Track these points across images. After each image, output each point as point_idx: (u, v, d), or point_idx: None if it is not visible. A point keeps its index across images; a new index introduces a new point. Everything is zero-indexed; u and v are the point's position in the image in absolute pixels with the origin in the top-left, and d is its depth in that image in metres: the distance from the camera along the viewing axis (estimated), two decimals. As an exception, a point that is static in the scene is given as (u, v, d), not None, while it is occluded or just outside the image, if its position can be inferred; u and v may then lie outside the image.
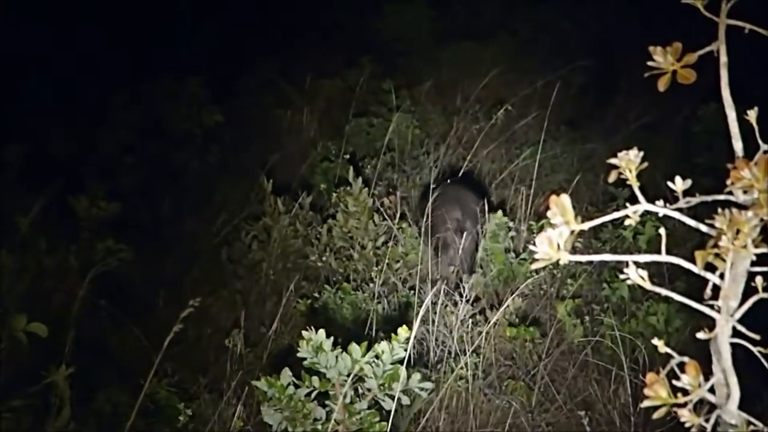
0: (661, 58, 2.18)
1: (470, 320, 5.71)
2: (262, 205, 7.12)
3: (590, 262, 6.39)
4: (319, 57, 9.91)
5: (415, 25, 10.73)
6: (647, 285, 2.09)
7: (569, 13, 10.66)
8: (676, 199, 2.10)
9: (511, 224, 6.71)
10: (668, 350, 2.18)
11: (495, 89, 9.16)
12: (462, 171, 7.79)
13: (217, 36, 10.00)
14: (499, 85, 9.21)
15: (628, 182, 2.12)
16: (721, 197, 2.09)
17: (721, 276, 2.08)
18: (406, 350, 3.94)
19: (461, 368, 4.97)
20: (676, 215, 2.10)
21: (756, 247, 2.00)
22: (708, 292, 2.10)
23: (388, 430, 3.94)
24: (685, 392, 2.06)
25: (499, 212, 6.69)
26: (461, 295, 5.92)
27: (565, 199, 2.04)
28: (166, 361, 5.10)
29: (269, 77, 9.53)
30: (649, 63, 2.18)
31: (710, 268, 2.08)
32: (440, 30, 10.83)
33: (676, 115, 8.54)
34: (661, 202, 2.09)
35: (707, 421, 2.10)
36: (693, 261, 2.06)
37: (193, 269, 6.96)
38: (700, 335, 2.12)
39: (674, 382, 2.07)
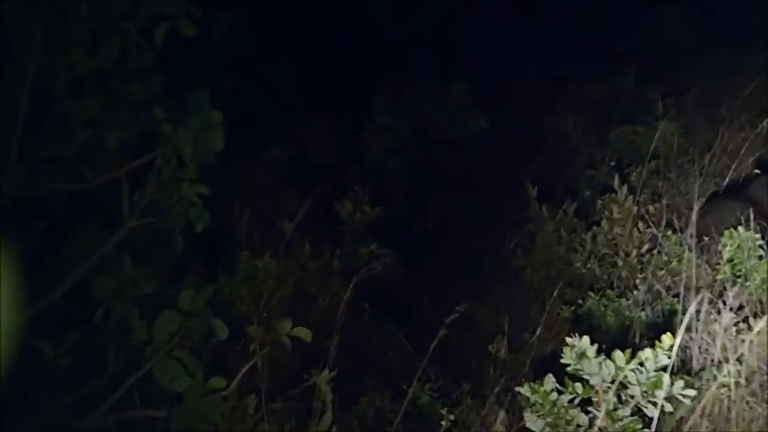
0: None
1: (734, 328, 5.64)
2: (526, 212, 7.19)
3: None
4: (583, 64, 9.87)
5: (679, 31, 10.56)
6: None
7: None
8: None
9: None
10: None
11: (760, 98, 8.94)
12: (727, 180, 7.67)
13: (480, 41, 10.07)
14: (765, 93, 8.98)
15: None
16: None
17: None
18: (669, 357, 3.95)
19: (724, 376, 4.92)
20: None
21: None
22: None
23: (651, 436, 3.96)
24: None
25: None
26: (725, 303, 5.85)
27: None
28: (429, 366, 5.18)
29: (533, 84, 9.56)
30: None
31: None
32: (705, 36, 10.62)
33: None
34: None
35: None
36: None
37: (458, 274, 7.05)
38: None
39: None
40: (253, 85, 8.15)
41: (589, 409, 4.03)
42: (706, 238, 6.95)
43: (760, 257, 6.30)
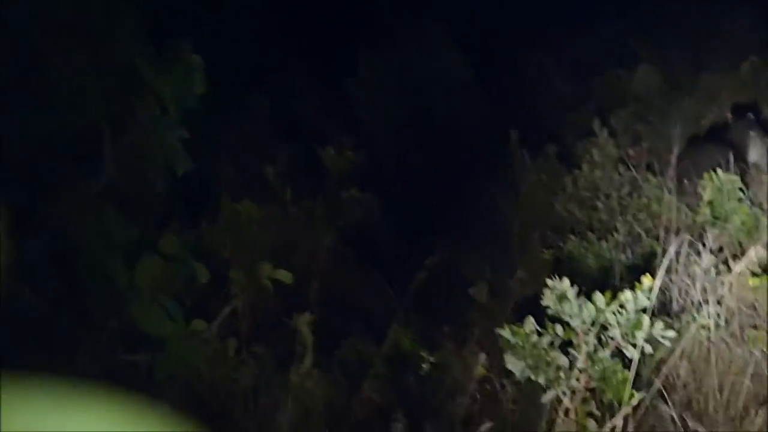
0: None
1: (713, 270, 5.68)
2: (508, 157, 7.21)
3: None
4: (566, 9, 9.82)
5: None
6: None
7: None
8: None
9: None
10: None
11: (740, 41, 8.93)
12: (707, 123, 7.70)
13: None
14: (744, 37, 8.97)
15: None
16: None
17: None
18: (649, 299, 3.99)
19: (703, 318, 4.96)
20: None
21: None
22: None
23: (631, 378, 4.00)
24: None
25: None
26: (705, 246, 5.89)
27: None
28: (411, 310, 5.20)
29: (517, 31, 9.53)
30: None
31: None
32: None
33: None
34: None
35: None
36: None
37: (440, 220, 7.07)
38: None
39: None
40: (237, 33, 8.11)
41: (570, 350, 4.07)
42: (686, 181, 6.98)
43: (740, 200, 6.34)
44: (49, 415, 0.87)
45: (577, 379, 4.04)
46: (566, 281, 4.04)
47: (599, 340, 4.06)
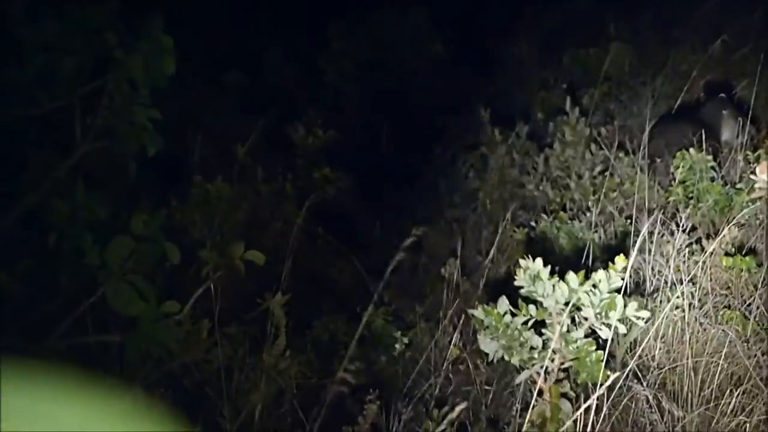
0: None
1: (687, 249, 5.69)
2: (480, 135, 7.20)
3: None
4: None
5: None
6: None
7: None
8: None
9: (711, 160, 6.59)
10: None
11: (711, 20, 8.96)
12: (679, 102, 7.72)
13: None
14: (716, 15, 9.00)
15: None
16: None
17: None
18: (623, 279, 3.98)
19: (677, 297, 4.96)
20: None
21: None
22: None
23: (605, 358, 4.00)
24: None
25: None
26: (678, 225, 5.90)
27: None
28: (383, 290, 5.20)
29: (489, 8, 9.51)
30: None
31: None
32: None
33: None
34: None
35: None
36: None
37: (412, 198, 7.06)
38: None
39: None
40: (208, 9, 8.05)
41: (543, 331, 4.07)
42: (659, 160, 6.99)
43: (712, 179, 6.36)
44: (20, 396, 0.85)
45: (551, 360, 4.04)
46: (539, 261, 4.04)
47: (573, 320, 4.06)
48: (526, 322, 4.06)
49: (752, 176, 6.06)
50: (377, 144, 7.76)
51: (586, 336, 4.04)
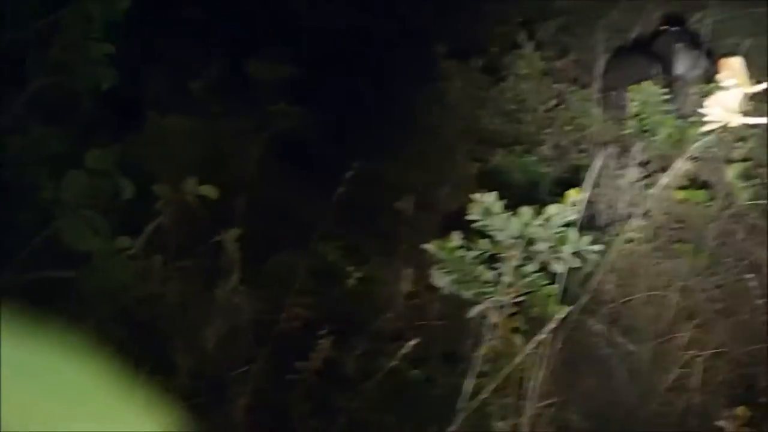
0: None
1: (640, 183, 5.71)
2: (436, 69, 7.16)
3: (759, 125, 6.29)
4: None
5: None
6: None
7: None
8: None
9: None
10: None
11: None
12: (634, 35, 7.71)
13: None
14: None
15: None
16: None
17: None
18: (576, 213, 4.00)
19: (630, 231, 4.99)
20: None
21: None
22: None
23: (558, 293, 4.02)
24: None
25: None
26: (631, 158, 5.92)
27: (738, 61, 2.07)
28: (337, 223, 5.18)
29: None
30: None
31: None
32: None
33: None
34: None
35: None
36: None
37: (367, 130, 7.00)
38: None
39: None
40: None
41: (496, 265, 4.07)
42: (613, 94, 6.98)
43: (666, 112, 6.37)
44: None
45: (505, 294, 4.05)
46: (493, 195, 4.04)
47: (526, 254, 4.07)
48: (479, 257, 4.07)
49: (702, 110, 6.08)
50: (337, 79, 7.69)
51: (539, 270, 4.05)
